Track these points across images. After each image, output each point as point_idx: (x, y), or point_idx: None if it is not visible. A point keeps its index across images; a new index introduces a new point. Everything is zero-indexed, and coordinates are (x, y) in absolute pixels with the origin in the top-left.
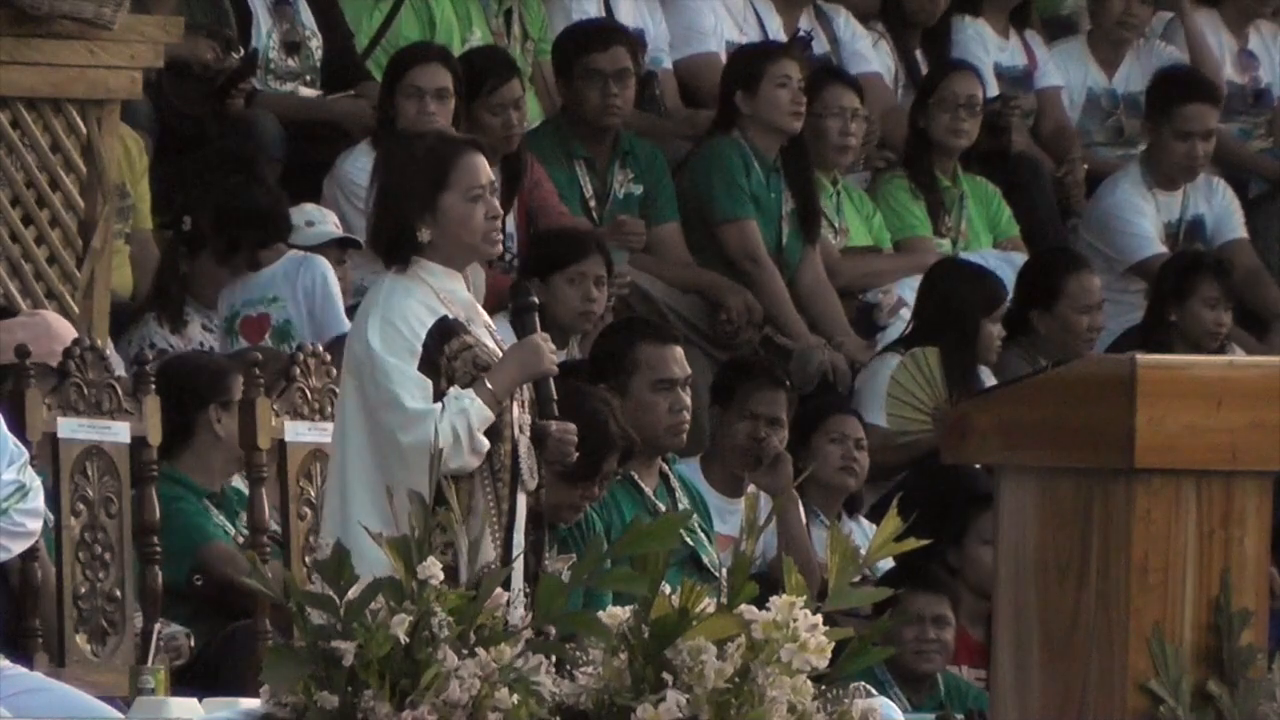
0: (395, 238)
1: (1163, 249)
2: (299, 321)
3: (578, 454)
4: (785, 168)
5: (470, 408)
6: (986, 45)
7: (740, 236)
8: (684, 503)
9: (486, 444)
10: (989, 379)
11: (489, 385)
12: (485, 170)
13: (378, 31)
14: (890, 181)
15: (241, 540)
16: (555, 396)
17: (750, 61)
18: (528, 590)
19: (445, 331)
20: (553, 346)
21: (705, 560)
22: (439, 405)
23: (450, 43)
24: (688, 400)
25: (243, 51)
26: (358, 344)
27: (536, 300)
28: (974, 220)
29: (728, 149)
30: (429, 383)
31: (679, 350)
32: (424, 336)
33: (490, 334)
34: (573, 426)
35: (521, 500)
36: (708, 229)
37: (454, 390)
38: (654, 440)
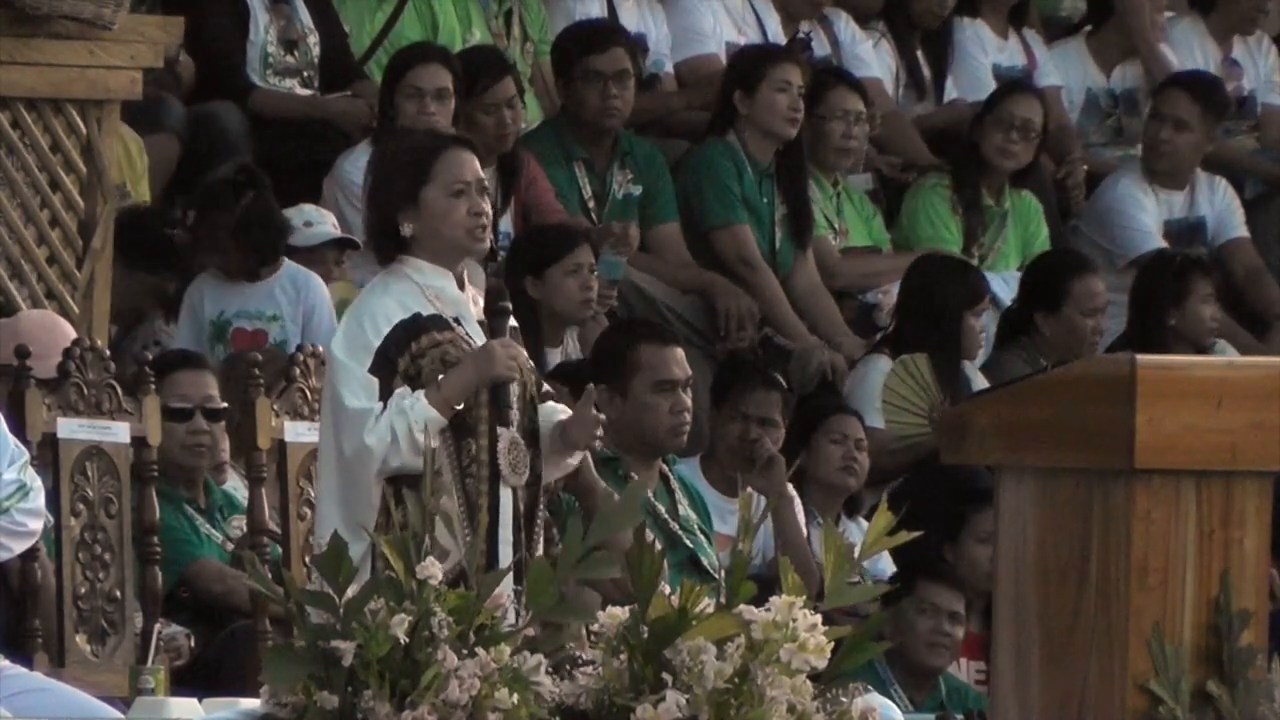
0: (381, 233)
1: (1163, 244)
2: (294, 341)
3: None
4: (779, 173)
5: (412, 409)
6: (985, 46)
7: (733, 241)
8: (684, 503)
9: (431, 445)
10: (975, 375)
11: (440, 388)
12: (471, 167)
13: (380, 32)
14: (932, 189)
15: (231, 545)
16: (513, 403)
17: (751, 63)
18: (521, 590)
19: (414, 329)
20: (514, 353)
21: (705, 561)
22: (380, 405)
23: (451, 44)
24: (688, 401)
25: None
26: (330, 344)
27: (509, 305)
28: (1010, 241)
29: (720, 154)
30: (375, 381)
31: (680, 351)
32: (385, 335)
33: (486, 333)
34: (596, 415)
35: (506, 496)
36: (700, 234)
37: (400, 390)
38: (655, 441)
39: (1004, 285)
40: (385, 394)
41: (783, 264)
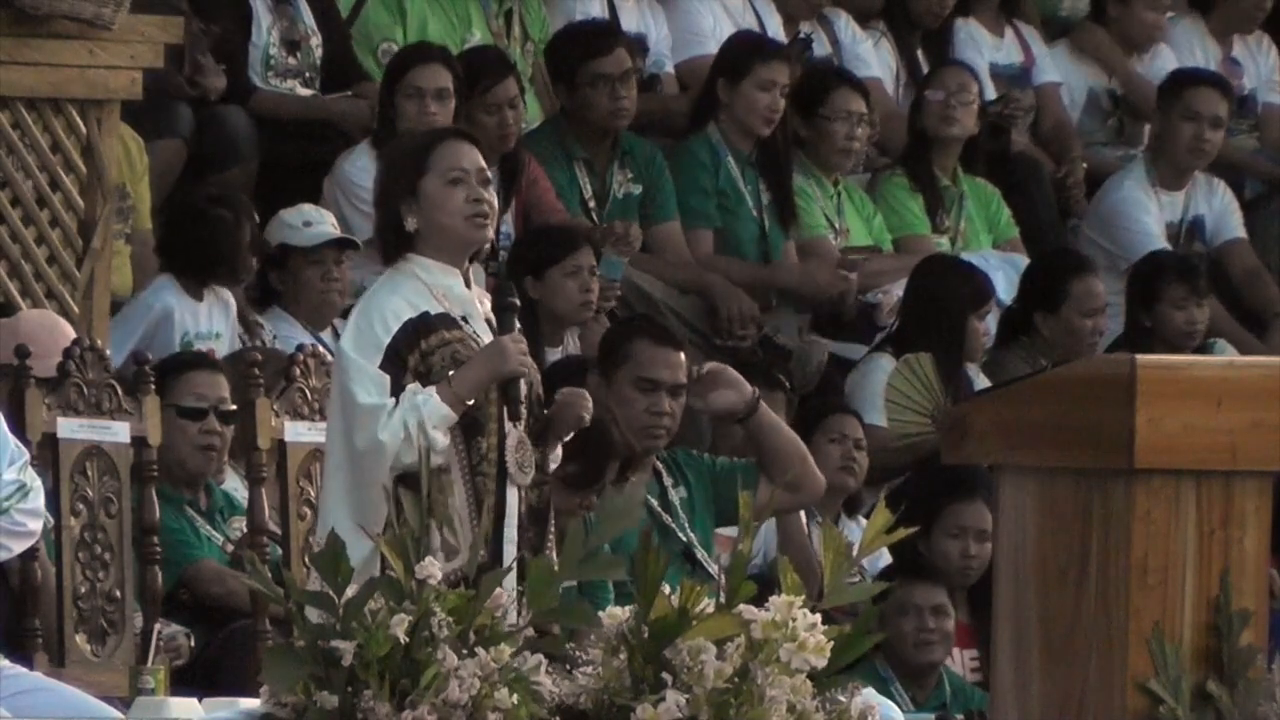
0: (387, 231)
1: (1166, 246)
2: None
3: (585, 430)
4: (761, 161)
5: (424, 404)
6: (981, 47)
7: (696, 245)
8: (676, 498)
9: (443, 441)
10: (976, 375)
11: (451, 384)
12: (469, 156)
13: (347, 20)
14: (889, 180)
15: (231, 546)
16: (522, 399)
17: (741, 53)
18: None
19: (423, 327)
20: (524, 349)
21: (699, 556)
22: (392, 401)
23: (423, 31)
24: (670, 407)
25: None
26: (339, 342)
27: (517, 301)
28: (973, 220)
29: (697, 151)
30: (386, 378)
31: (677, 357)
32: (394, 332)
33: (493, 331)
34: (582, 392)
35: (513, 495)
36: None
37: (412, 386)
38: (629, 436)
39: (984, 261)
40: (396, 391)
41: (774, 249)
